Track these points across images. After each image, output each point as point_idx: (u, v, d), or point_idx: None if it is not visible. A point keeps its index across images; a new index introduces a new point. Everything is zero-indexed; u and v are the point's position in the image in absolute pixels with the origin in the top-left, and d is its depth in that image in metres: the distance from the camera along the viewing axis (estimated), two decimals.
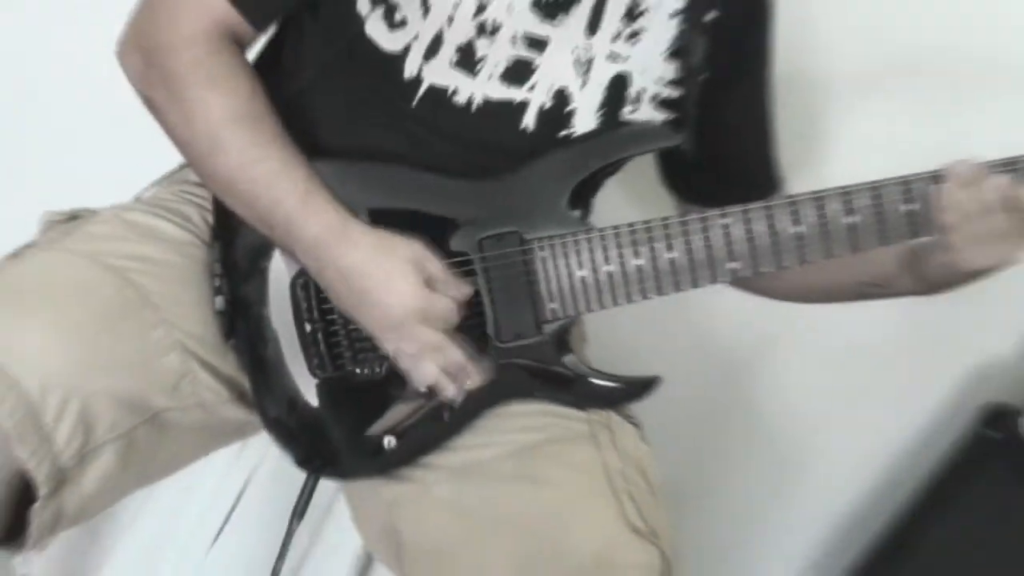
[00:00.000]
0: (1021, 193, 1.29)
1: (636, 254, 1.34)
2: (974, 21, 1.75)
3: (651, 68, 1.41)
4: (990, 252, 1.31)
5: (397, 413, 1.38)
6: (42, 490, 1.21)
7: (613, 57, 1.39)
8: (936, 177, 1.31)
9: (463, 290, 1.31)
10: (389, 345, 1.31)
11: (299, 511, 1.45)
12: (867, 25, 1.81)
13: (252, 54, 1.42)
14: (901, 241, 1.34)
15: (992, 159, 1.31)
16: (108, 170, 1.52)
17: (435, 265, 1.29)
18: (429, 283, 1.28)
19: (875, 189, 1.32)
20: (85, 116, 1.89)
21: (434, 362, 1.30)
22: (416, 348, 1.29)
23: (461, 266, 1.33)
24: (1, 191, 1.88)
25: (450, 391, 1.32)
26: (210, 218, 1.44)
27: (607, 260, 1.34)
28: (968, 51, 1.76)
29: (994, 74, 1.75)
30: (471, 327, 1.34)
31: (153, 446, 1.33)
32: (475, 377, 1.33)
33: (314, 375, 1.38)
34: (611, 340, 1.61)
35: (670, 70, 1.42)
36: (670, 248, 1.33)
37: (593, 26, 1.38)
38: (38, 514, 1.23)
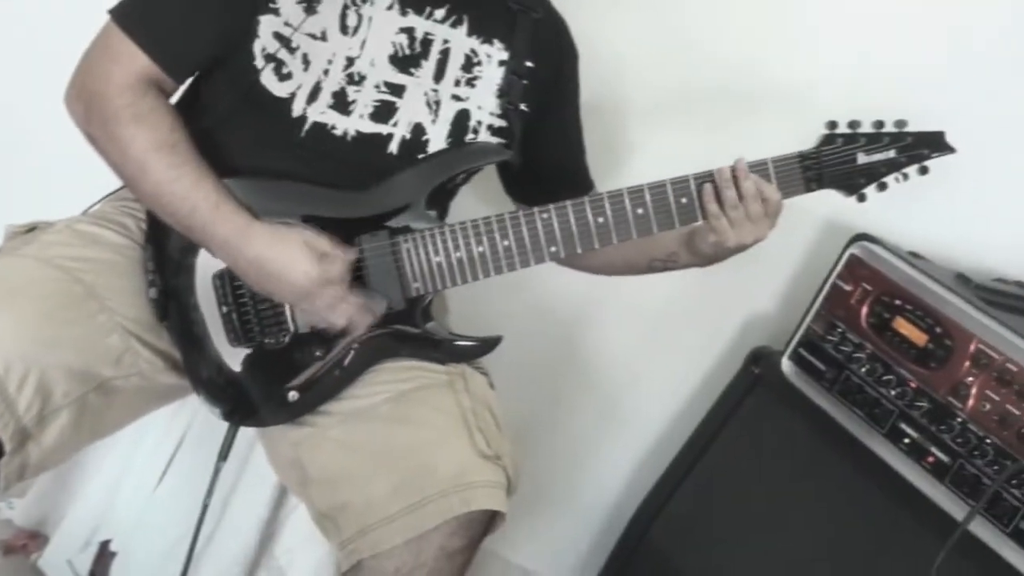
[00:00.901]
0: (766, 188, 1.35)
1: (479, 243, 1.35)
2: (736, 59, 1.78)
3: (485, 105, 1.43)
4: (747, 232, 1.36)
5: (299, 373, 1.37)
6: (8, 446, 1.20)
7: (456, 98, 1.41)
8: (705, 177, 1.35)
9: (349, 254, 1.32)
10: (306, 307, 1.32)
11: (223, 454, 1.43)
12: (657, 62, 1.83)
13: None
14: (678, 226, 1.37)
15: (747, 162, 1.35)
16: (61, 192, 1.48)
17: (323, 241, 1.30)
18: (322, 256, 1.28)
19: (658, 187, 1.35)
20: (43, 151, 1.85)
21: (342, 309, 1.31)
22: (326, 304, 1.30)
23: None
24: None
25: (362, 324, 1.34)
26: (144, 226, 1.42)
27: (456, 248, 1.35)
28: (729, 83, 1.79)
29: (749, 99, 1.78)
30: None
31: (102, 408, 1.32)
32: (375, 311, 1.34)
33: (232, 346, 1.37)
34: (468, 309, 1.62)
35: (499, 106, 1.44)
36: (504, 237, 1.35)
37: (439, 75, 1.40)
38: (5, 466, 1.21)
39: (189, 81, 1.41)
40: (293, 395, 1.37)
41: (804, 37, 1.76)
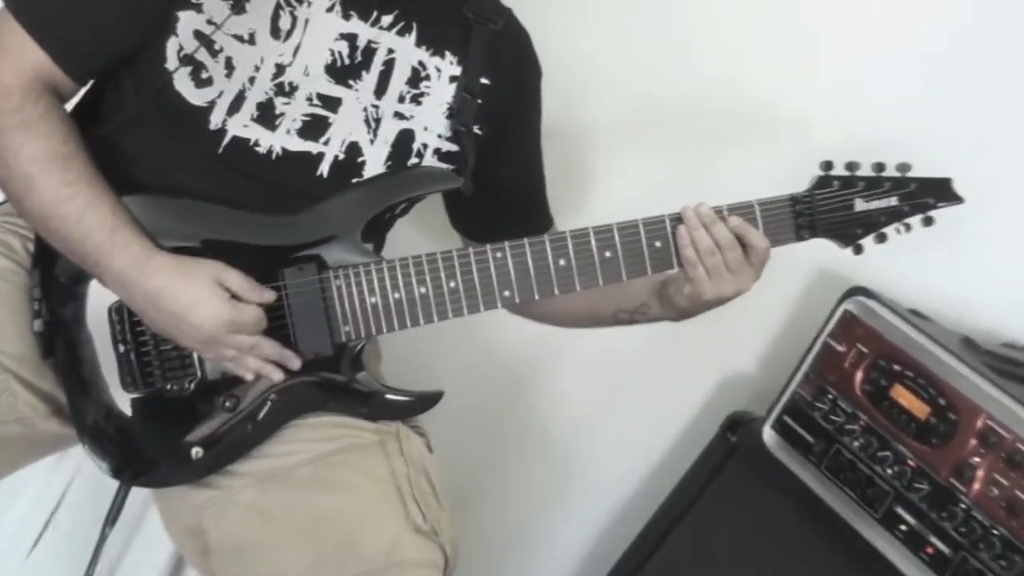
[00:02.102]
0: (751, 234, 1.33)
1: (421, 283, 1.32)
2: (720, 77, 1.78)
3: (433, 126, 1.41)
4: (727, 283, 1.34)
5: (205, 426, 1.33)
6: None
7: (399, 116, 1.39)
8: (679, 218, 1.33)
9: (266, 295, 1.27)
10: (209, 355, 1.29)
11: (111, 518, 1.38)
12: (629, 79, 1.83)
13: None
14: (650, 273, 1.35)
15: (726, 204, 1.33)
16: None
17: (236, 279, 1.26)
18: (235, 298, 1.24)
19: (629, 228, 1.33)
20: None
21: (251, 362, 1.27)
22: (234, 353, 1.27)
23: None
24: None
25: (275, 376, 1.29)
26: (31, 247, 1.36)
27: (395, 288, 1.32)
28: (713, 104, 1.79)
29: (735, 122, 1.78)
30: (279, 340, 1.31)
31: None
32: (293, 360, 1.30)
33: (127, 391, 1.32)
34: (406, 356, 1.59)
35: (449, 127, 1.41)
36: (451, 278, 1.32)
37: (381, 89, 1.38)
38: None
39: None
40: (197, 451, 1.32)
41: (800, 56, 1.75)
